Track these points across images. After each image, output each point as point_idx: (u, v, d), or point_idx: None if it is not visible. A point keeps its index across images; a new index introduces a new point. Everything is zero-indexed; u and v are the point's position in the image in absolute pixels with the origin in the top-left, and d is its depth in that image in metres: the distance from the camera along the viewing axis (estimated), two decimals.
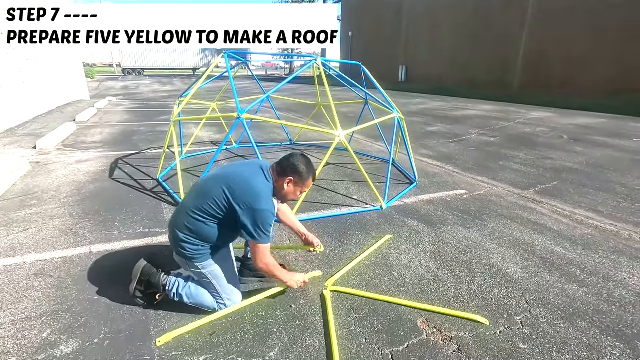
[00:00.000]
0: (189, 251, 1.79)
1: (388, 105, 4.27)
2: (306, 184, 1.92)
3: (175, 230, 1.81)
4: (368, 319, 1.97)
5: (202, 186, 1.87)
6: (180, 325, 1.85)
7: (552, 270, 2.50)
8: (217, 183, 1.79)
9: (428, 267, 2.51)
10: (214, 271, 1.85)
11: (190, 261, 1.81)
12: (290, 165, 1.86)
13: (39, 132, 6.70)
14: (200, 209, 1.76)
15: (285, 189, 1.88)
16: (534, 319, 2.00)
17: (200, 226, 1.77)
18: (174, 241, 1.83)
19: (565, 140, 7.00)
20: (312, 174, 1.93)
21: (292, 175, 1.86)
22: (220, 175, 1.87)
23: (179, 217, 1.84)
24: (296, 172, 1.86)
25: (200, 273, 1.84)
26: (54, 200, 3.47)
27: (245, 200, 1.71)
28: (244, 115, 3.16)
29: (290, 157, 1.90)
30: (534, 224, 3.26)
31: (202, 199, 1.78)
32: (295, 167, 1.86)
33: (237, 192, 1.73)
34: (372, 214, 3.40)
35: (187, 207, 1.81)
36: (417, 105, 12.92)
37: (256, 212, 1.70)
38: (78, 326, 1.83)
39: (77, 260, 2.43)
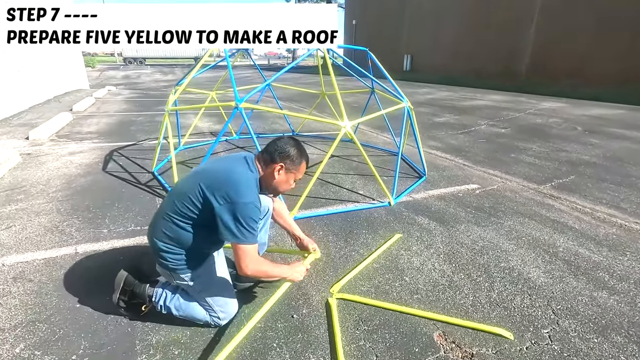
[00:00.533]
0: (171, 262, 1.57)
1: (397, 94, 4.01)
2: (299, 170, 1.69)
3: (154, 239, 1.59)
4: (379, 331, 1.77)
5: (180, 186, 1.64)
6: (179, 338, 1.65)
7: (578, 275, 2.29)
8: (194, 181, 1.55)
9: (442, 271, 2.30)
10: (202, 282, 1.64)
11: (174, 272, 1.60)
12: (278, 149, 1.62)
13: (33, 122, 6.49)
14: (176, 211, 1.53)
15: (276, 178, 1.64)
16: (563, 333, 1.79)
17: (179, 232, 1.54)
18: (154, 251, 1.61)
19: (580, 131, 6.71)
20: (304, 157, 1.70)
21: (281, 161, 1.62)
22: (198, 172, 1.64)
23: (156, 223, 1.61)
24: (287, 157, 1.62)
25: (187, 285, 1.63)
26: (42, 195, 3.28)
27: (223, 192, 1.45)
28: (243, 105, 2.93)
29: (277, 141, 1.66)
30: (554, 222, 3.03)
31: (178, 200, 1.55)
32: (285, 150, 1.62)
33: (214, 184, 1.48)
34: (379, 211, 3.18)
35: (163, 212, 1.59)
36: (423, 95, 12.59)
37: (236, 206, 1.44)
38: (55, 340, 1.64)
39: (60, 262, 2.24)
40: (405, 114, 3.87)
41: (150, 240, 1.62)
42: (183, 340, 1.66)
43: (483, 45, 17.41)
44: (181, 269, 1.58)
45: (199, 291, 1.63)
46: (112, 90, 13.44)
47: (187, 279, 1.61)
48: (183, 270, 1.59)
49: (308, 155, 1.76)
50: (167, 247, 1.56)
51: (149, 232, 1.66)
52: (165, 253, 1.56)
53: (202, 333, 1.71)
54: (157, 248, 1.57)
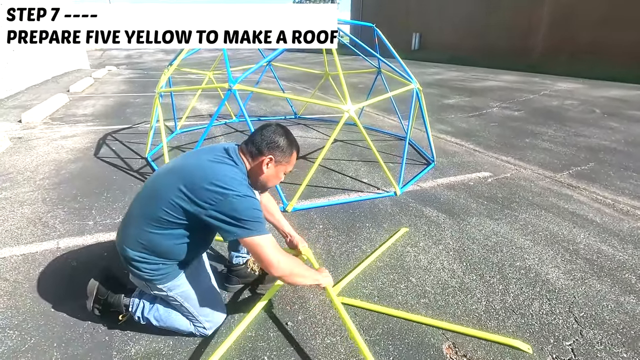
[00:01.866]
0: (146, 272, 1.38)
1: (406, 74, 3.72)
2: (290, 161, 1.50)
3: (125, 247, 1.38)
4: (382, 342, 1.60)
5: (152, 187, 1.42)
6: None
7: (602, 276, 2.09)
8: (170, 181, 1.32)
9: (452, 271, 2.11)
10: (183, 292, 1.46)
11: (150, 283, 1.41)
12: (265, 140, 1.42)
13: (28, 104, 6.30)
14: (152, 217, 1.32)
15: (264, 173, 1.44)
16: (588, 345, 1.61)
17: (157, 240, 1.34)
18: (125, 261, 1.41)
19: (598, 114, 6.36)
20: (295, 147, 1.50)
21: (270, 153, 1.42)
22: (173, 170, 1.40)
23: (127, 231, 1.40)
24: (276, 147, 1.42)
25: (166, 296, 1.45)
26: (28, 183, 3.11)
27: (208, 195, 1.25)
28: (237, 86, 2.69)
29: (264, 131, 1.45)
30: (573, 215, 2.81)
31: (154, 204, 1.33)
32: (273, 140, 1.42)
33: (196, 189, 1.27)
34: (384, 201, 2.98)
35: (135, 218, 1.38)
36: (432, 75, 12.13)
37: (231, 202, 1.25)
38: (25, 350, 1.49)
39: (40, 259, 2.09)
40: (413, 96, 3.60)
41: (120, 248, 1.42)
42: (165, 352, 1.50)
43: (495, 22, 16.65)
44: (158, 279, 1.39)
45: (180, 302, 1.46)
46: (113, 70, 13.15)
47: (166, 289, 1.42)
48: (161, 280, 1.40)
49: (298, 145, 1.55)
50: (142, 256, 1.36)
51: (118, 240, 1.45)
52: (140, 263, 1.36)
53: (186, 343, 1.55)
54: (129, 258, 1.37)
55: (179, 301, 1.45)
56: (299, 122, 5.69)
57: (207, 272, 1.58)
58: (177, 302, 1.46)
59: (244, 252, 1.89)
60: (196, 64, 14.01)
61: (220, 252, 2.21)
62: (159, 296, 1.48)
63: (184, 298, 1.46)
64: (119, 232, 1.46)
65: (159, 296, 1.48)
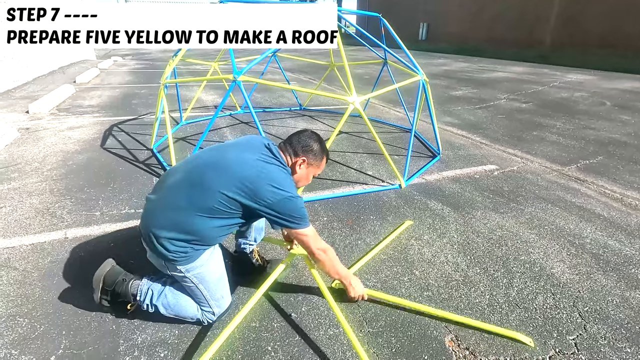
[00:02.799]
0: (172, 252, 1.41)
1: (412, 66, 3.68)
2: (320, 165, 1.67)
3: (154, 231, 1.42)
4: (384, 334, 1.61)
5: (197, 177, 1.44)
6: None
7: (608, 271, 2.07)
8: (221, 176, 1.40)
9: (456, 264, 2.10)
10: (200, 274, 1.49)
11: (170, 263, 1.45)
12: (302, 143, 1.60)
13: (36, 95, 6.33)
14: (203, 207, 1.39)
15: (297, 172, 1.61)
16: (591, 340, 1.60)
17: (201, 225, 1.41)
18: (151, 241, 1.43)
19: (609, 107, 6.24)
20: (326, 153, 1.69)
21: (304, 156, 1.59)
22: (220, 164, 1.45)
23: (162, 213, 1.44)
24: (310, 151, 1.60)
25: (183, 277, 1.49)
26: (36, 173, 3.15)
27: (266, 194, 1.40)
28: (241, 78, 2.67)
29: (302, 135, 1.63)
30: (580, 209, 2.78)
31: (204, 195, 1.39)
32: (308, 145, 1.60)
33: (254, 187, 1.39)
34: (389, 194, 2.97)
35: (176, 203, 1.42)
36: (439, 66, 11.97)
37: (283, 203, 1.42)
38: (35, 337, 1.53)
39: (48, 248, 2.12)
40: (420, 88, 3.56)
41: (147, 228, 1.45)
42: (170, 341, 1.53)
43: (504, 12, 16.31)
44: (181, 260, 1.44)
45: (195, 284, 1.50)
46: (118, 61, 13.15)
47: (184, 270, 1.46)
48: (182, 261, 1.44)
49: (329, 152, 1.72)
50: (175, 237, 1.40)
51: (145, 222, 1.48)
52: (169, 244, 1.40)
53: (192, 333, 1.58)
54: (159, 237, 1.41)
55: (194, 282, 1.49)
56: (304, 113, 5.66)
57: (221, 258, 1.61)
58: (192, 283, 1.49)
59: (251, 240, 1.91)
60: (201, 55, 13.97)
61: (224, 243, 2.23)
62: (175, 277, 1.51)
63: (199, 280, 1.50)
64: (149, 214, 1.49)
65: (175, 277, 1.51)
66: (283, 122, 5.12)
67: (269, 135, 4.31)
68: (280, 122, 5.11)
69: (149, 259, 1.56)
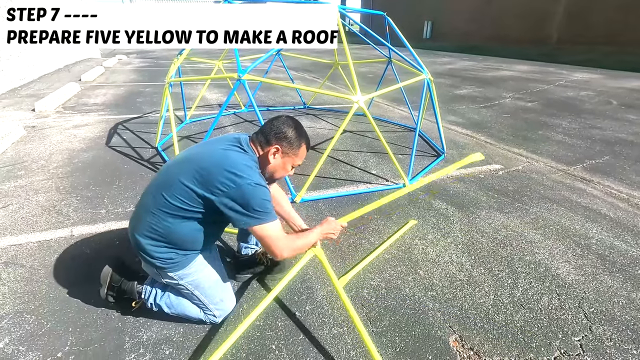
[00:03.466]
0: (158, 260, 1.41)
1: (417, 64, 3.66)
2: (298, 154, 1.50)
3: (137, 237, 1.41)
4: (388, 334, 1.61)
5: (165, 176, 1.44)
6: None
7: (614, 272, 2.06)
8: (183, 169, 1.37)
9: (460, 264, 2.10)
10: (194, 281, 1.48)
11: (161, 271, 1.44)
12: (273, 129, 1.45)
13: (42, 93, 6.37)
14: (165, 204, 1.35)
15: (271, 163, 1.46)
16: (597, 341, 1.59)
17: (170, 228, 1.37)
18: (138, 249, 1.44)
19: (615, 106, 6.18)
20: (304, 140, 1.51)
21: (277, 143, 1.44)
22: (185, 158, 1.44)
23: (140, 219, 1.43)
24: (283, 138, 1.44)
25: (177, 284, 1.48)
26: (42, 171, 3.17)
27: (222, 180, 1.28)
28: (245, 77, 2.68)
29: (274, 121, 1.49)
30: (585, 209, 2.76)
31: (166, 192, 1.36)
32: (281, 131, 1.44)
33: (209, 174, 1.30)
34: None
35: (148, 206, 1.40)
36: (443, 65, 11.91)
37: (241, 190, 1.28)
38: (42, 334, 1.54)
39: (54, 246, 2.14)
40: (424, 87, 3.54)
41: (132, 237, 1.45)
42: (175, 339, 1.54)
43: (509, 9, 16.18)
44: (170, 267, 1.42)
45: (190, 291, 1.49)
46: (123, 59, 13.20)
47: (177, 277, 1.45)
48: (171, 268, 1.43)
49: (309, 138, 1.57)
50: (154, 244, 1.39)
51: (130, 229, 1.48)
52: (152, 251, 1.40)
53: (197, 331, 1.58)
54: (141, 246, 1.40)
55: (190, 289, 1.48)
56: (308, 112, 5.66)
57: (217, 261, 1.60)
58: (187, 290, 1.49)
59: (252, 244, 1.91)
60: (205, 53, 13.99)
61: (228, 242, 2.24)
62: (170, 284, 1.51)
63: (194, 286, 1.48)
64: (132, 221, 1.49)
65: (170, 284, 1.51)
66: None
67: None
68: None
69: (144, 269, 1.56)
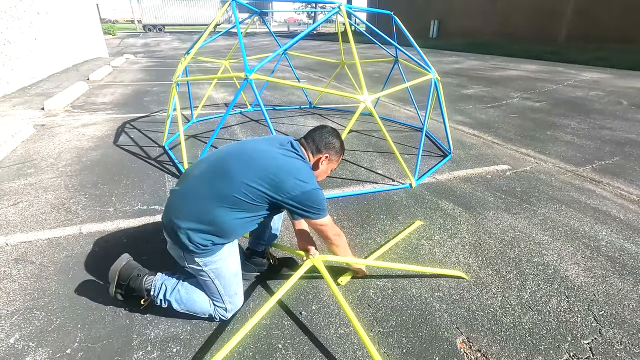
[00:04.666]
0: (193, 244, 1.42)
1: (424, 64, 3.64)
2: (338, 161, 1.76)
3: (178, 221, 1.43)
4: (395, 334, 1.60)
5: (223, 169, 1.46)
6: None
7: (624, 275, 2.03)
8: (247, 168, 1.44)
9: (467, 265, 2.08)
10: (217, 269, 1.51)
11: (190, 255, 1.46)
12: (324, 140, 1.65)
13: (51, 92, 6.44)
14: (227, 198, 1.40)
15: (319, 168, 1.68)
16: (607, 345, 1.57)
17: (224, 217, 1.41)
18: (174, 232, 1.44)
19: (625, 106, 6.09)
20: (343, 149, 1.76)
21: (327, 152, 1.65)
22: (244, 155, 1.50)
23: (188, 203, 1.45)
24: (332, 148, 1.67)
25: (200, 270, 1.50)
26: (51, 169, 3.21)
27: (292, 186, 1.45)
28: (252, 76, 2.68)
29: (323, 132, 1.67)
30: (595, 211, 2.73)
31: (229, 186, 1.41)
32: (330, 142, 1.66)
33: (280, 180, 1.43)
34: (399, 193, 2.95)
35: (201, 194, 1.43)
36: (450, 64, 11.83)
37: (307, 195, 1.47)
38: (51, 330, 1.56)
39: (63, 243, 2.16)
40: (432, 86, 3.52)
41: (169, 220, 1.46)
42: (182, 337, 1.55)
43: (517, 8, 16.02)
44: (201, 253, 1.45)
45: (211, 279, 1.51)
46: (130, 58, 13.30)
47: (202, 264, 1.48)
48: (202, 254, 1.45)
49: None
50: (197, 229, 1.41)
51: (168, 213, 1.48)
52: (192, 234, 1.42)
53: (204, 329, 1.59)
54: (181, 229, 1.42)
55: (211, 277, 1.51)
56: (314, 111, 5.66)
57: (238, 253, 1.62)
58: (208, 278, 1.51)
59: (264, 240, 1.92)
60: (211, 52, 14.06)
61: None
62: (193, 270, 1.52)
63: (216, 275, 1.51)
64: (173, 205, 1.49)
65: (193, 270, 1.52)
66: (293, 120, 5.12)
67: (279, 133, 4.32)
68: (290, 120, 5.11)
69: (169, 251, 1.57)
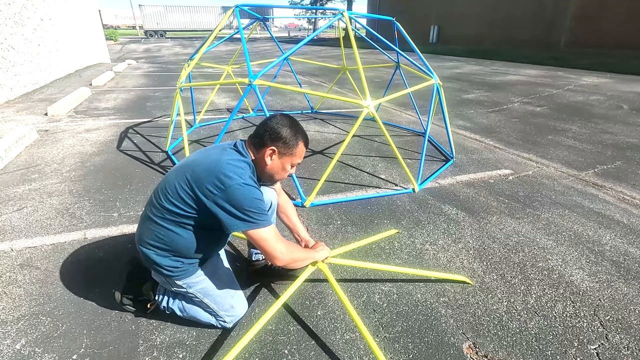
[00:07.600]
0: (165, 268, 1.40)
1: (426, 69, 3.66)
2: (296, 153, 1.43)
3: (142, 248, 1.41)
4: (401, 340, 1.60)
5: (164, 183, 1.40)
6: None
7: (629, 279, 2.03)
8: (179, 174, 1.34)
9: (472, 270, 2.08)
10: (203, 289, 1.48)
11: (169, 279, 1.44)
12: (268, 130, 1.37)
13: (54, 97, 6.48)
14: (163, 210, 1.34)
15: (268, 164, 1.40)
16: (614, 350, 1.57)
17: (171, 236, 1.35)
18: (145, 259, 1.43)
19: (626, 111, 6.11)
20: (301, 137, 1.43)
21: (273, 144, 1.37)
22: (183, 164, 1.41)
23: (143, 227, 1.42)
24: (278, 139, 1.37)
25: (186, 292, 1.48)
26: (55, 175, 3.22)
27: (212, 181, 1.25)
28: (257, 82, 2.70)
29: (268, 121, 1.41)
30: (598, 215, 2.73)
31: (164, 197, 1.34)
32: (275, 131, 1.36)
33: (200, 176, 1.27)
34: (402, 198, 2.96)
35: (150, 214, 1.39)
36: (450, 69, 11.89)
37: (231, 191, 1.24)
38: (57, 336, 1.56)
39: (68, 248, 2.17)
40: (434, 92, 3.54)
41: (138, 247, 1.44)
42: (188, 342, 1.55)
43: (518, 13, 16.12)
44: (177, 275, 1.42)
45: (200, 299, 1.49)
46: (132, 64, 13.39)
47: (185, 286, 1.45)
48: (179, 276, 1.43)
49: (306, 134, 1.49)
50: (159, 253, 1.39)
51: (136, 239, 1.47)
52: (158, 260, 1.39)
53: (209, 334, 1.59)
54: (147, 255, 1.40)
55: (199, 297, 1.49)
56: (316, 116, 5.68)
57: (226, 268, 1.61)
58: (197, 298, 1.49)
59: None
60: (213, 58, 14.14)
61: (239, 247, 2.25)
62: (180, 293, 1.50)
63: (204, 294, 1.48)
64: (137, 231, 1.48)
65: (180, 293, 1.50)
66: None
67: None
68: None
69: (154, 277, 1.55)
